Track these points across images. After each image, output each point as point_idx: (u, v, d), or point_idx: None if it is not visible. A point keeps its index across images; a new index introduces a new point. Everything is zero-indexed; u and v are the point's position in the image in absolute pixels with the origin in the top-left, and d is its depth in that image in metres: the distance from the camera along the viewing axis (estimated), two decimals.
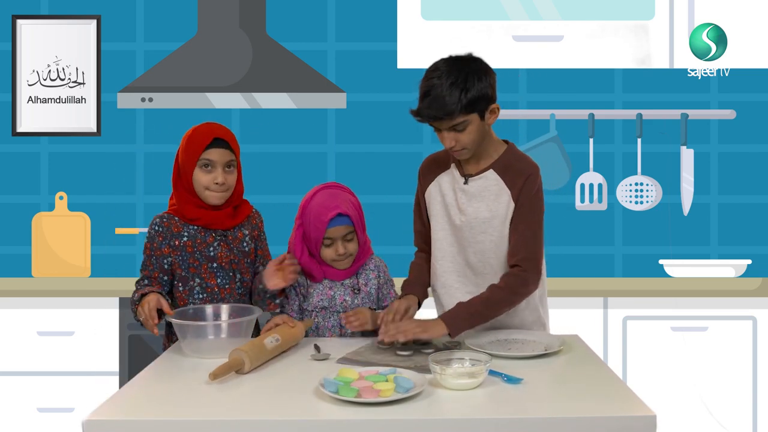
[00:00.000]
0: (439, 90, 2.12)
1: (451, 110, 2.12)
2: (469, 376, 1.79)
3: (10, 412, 3.37)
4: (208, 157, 2.29)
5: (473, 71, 2.15)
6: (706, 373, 3.38)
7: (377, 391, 1.68)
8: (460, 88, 2.12)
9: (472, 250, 2.30)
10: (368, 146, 3.91)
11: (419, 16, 3.62)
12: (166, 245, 2.33)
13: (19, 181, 3.90)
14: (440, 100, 2.12)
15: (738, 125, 3.87)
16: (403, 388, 1.70)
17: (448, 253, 2.34)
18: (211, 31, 3.76)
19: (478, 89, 2.14)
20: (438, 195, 2.36)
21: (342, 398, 1.66)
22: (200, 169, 2.30)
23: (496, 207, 2.25)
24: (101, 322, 3.40)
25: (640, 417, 1.62)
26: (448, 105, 2.12)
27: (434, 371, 1.81)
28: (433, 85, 2.13)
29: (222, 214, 2.34)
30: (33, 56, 3.86)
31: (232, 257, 2.34)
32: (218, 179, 2.29)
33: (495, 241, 2.27)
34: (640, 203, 3.82)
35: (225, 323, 2.12)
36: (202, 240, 2.33)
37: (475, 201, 2.28)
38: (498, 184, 2.26)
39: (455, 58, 2.20)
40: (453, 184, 2.33)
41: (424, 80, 2.18)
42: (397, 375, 1.77)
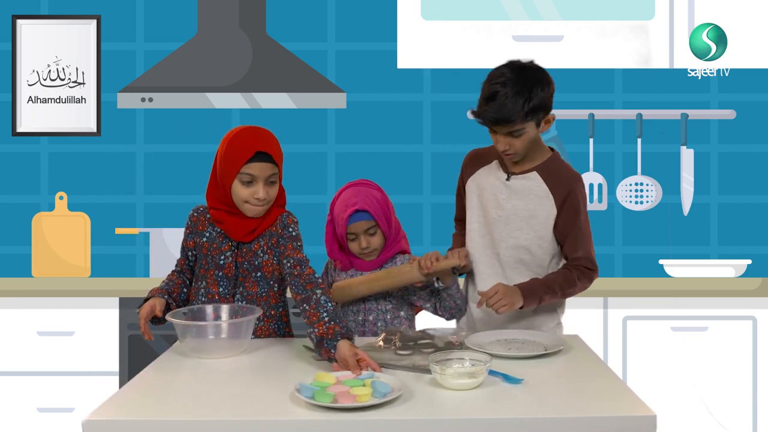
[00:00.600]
0: (504, 97, 2.18)
1: (512, 118, 2.19)
2: (469, 376, 1.79)
3: (10, 412, 3.37)
4: (249, 172, 2.16)
5: (537, 81, 2.23)
6: (706, 373, 3.37)
7: (354, 396, 1.66)
8: (524, 97, 2.19)
9: (505, 245, 2.37)
10: (368, 146, 3.91)
11: (419, 16, 3.62)
12: (191, 239, 2.33)
13: (19, 181, 3.90)
14: (504, 106, 2.18)
15: (738, 125, 3.87)
16: (380, 393, 1.68)
17: (480, 245, 2.42)
18: (211, 31, 3.76)
19: (539, 99, 2.21)
20: (476, 188, 2.43)
21: (318, 404, 1.64)
22: (240, 183, 2.18)
23: (537, 208, 2.34)
24: (101, 322, 3.40)
25: (640, 417, 1.62)
26: (510, 112, 2.18)
27: (434, 371, 1.81)
28: (498, 91, 2.19)
29: (244, 225, 2.23)
30: (33, 56, 3.86)
31: (241, 270, 2.26)
32: (259, 194, 2.17)
33: (530, 239, 2.35)
34: (640, 203, 3.82)
35: (225, 323, 2.12)
36: (218, 246, 2.27)
37: (516, 198, 2.36)
38: (541, 187, 2.34)
39: (521, 66, 2.26)
40: (494, 179, 2.40)
41: (487, 83, 2.24)
42: (374, 380, 1.75)
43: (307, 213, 3.96)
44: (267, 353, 2.12)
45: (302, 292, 2.12)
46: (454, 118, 3.88)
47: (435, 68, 3.78)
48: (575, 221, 2.34)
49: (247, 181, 2.17)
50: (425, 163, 3.91)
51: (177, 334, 2.12)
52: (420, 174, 3.91)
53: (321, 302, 2.07)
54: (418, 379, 1.88)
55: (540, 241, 2.36)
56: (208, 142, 3.90)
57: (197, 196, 3.88)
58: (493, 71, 2.27)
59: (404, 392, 1.74)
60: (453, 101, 3.88)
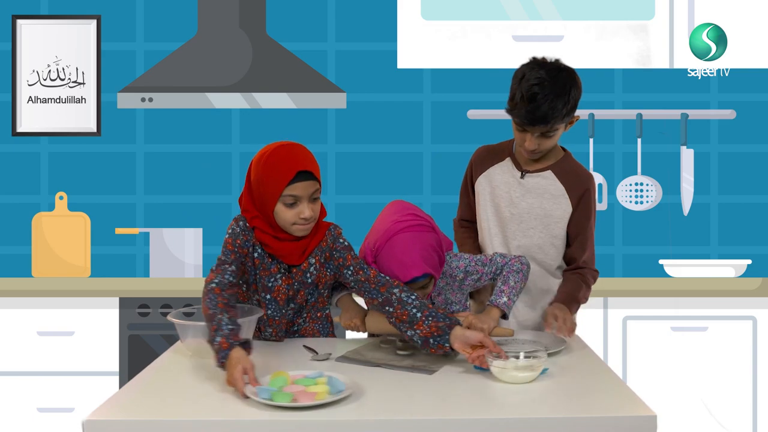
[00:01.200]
0: (543, 99, 2.19)
1: (552, 120, 2.21)
2: (529, 369, 1.82)
3: (10, 412, 3.37)
4: (292, 193, 2.06)
5: (573, 82, 2.25)
6: (706, 373, 3.38)
7: (312, 394, 1.67)
8: (564, 101, 2.21)
9: (517, 243, 2.38)
10: (368, 146, 3.91)
11: (419, 16, 3.62)
12: (245, 248, 2.11)
13: (19, 181, 3.90)
14: (544, 108, 2.19)
15: (738, 125, 3.87)
16: (336, 390, 1.71)
17: (490, 245, 2.42)
18: (211, 31, 3.76)
19: (574, 100, 2.25)
20: (488, 186, 2.43)
21: (278, 404, 1.64)
22: (284, 206, 2.07)
23: (552, 207, 2.36)
24: (101, 322, 3.40)
25: (640, 417, 1.62)
26: (550, 115, 2.20)
27: (493, 365, 1.83)
28: (536, 93, 2.19)
29: (296, 249, 2.13)
30: (33, 56, 3.86)
31: (291, 292, 2.18)
32: (305, 214, 2.07)
33: (543, 238, 2.37)
34: (640, 203, 3.82)
35: None
36: (267, 267, 2.15)
37: (530, 196, 2.37)
38: (556, 186, 2.36)
39: (556, 67, 2.26)
40: (508, 176, 2.40)
41: (523, 82, 2.23)
42: (328, 376, 1.76)
43: None
44: (267, 354, 2.12)
45: (378, 296, 2.08)
46: (454, 118, 3.88)
47: (435, 68, 3.78)
48: (587, 222, 2.38)
49: (291, 203, 2.07)
50: (425, 163, 3.91)
51: (178, 334, 2.12)
52: (420, 174, 3.91)
53: (403, 300, 2.03)
54: (415, 378, 1.88)
55: (553, 240, 2.38)
56: (208, 142, 3.90)
57: (198, 196, 3.91)
58: (525, 70, 2.26)
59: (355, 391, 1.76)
60: (453, 101, 3.88)
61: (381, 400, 1.73)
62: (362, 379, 1.87)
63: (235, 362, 1.76)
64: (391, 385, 1.84)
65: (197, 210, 3.90)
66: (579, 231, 2.38)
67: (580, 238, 2.38)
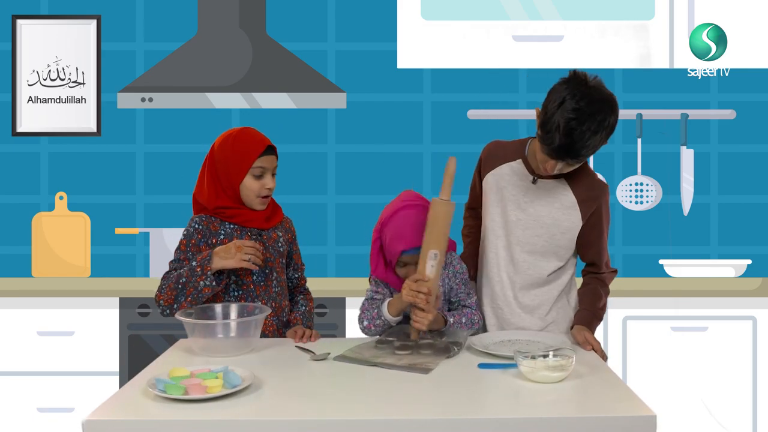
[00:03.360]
0: (580, 135, 2.07)
1: (585, 157, 2.15)
2: (560, 369, 1.82)
3: (10, 412, 3.37)
4: (262, 165, 2.31)
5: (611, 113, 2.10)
6: (706, 373, 3.38)
7: (204, 388, 1.70)
8: (599, 139, 2.10)
9: (521, 249, 2.32)
10: (368, 146, 3.91)
11: (419, 16, 3.62)
12: (204, 243, 2.32)
13: (19, 181, 3.90)
14: (579, 146, 2.08)
15: (738, 125, 3.87)
16: (230, 384, 1.73)
17: (495, 246, 2.36)
18: (211, 31, 3.76)
19: (607, 138, 2.13)
20: (495, 186, 2.36)
21: (170, 396, 1.68)
22: (252, 177, 2.30)
23: (561, 217, 2.30)
24: (101, 322, 3.40)
25: (640, 417, 1.62)
26: (583, 153, 2.11)
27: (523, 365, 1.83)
28: (574, 128, 2.06)
29: (259, 215, 2.36)
30: (33, 56, 3.86)
31: (268, 255, 2.34)
32: (269, 184, 2.32)
33: (548, 247, 2.32)
34: (640, 203, 3.82)
35: (234, 322, 2.11)
36: (239, 238, 2.32)
37: (539, 203, 2.30)
38: (568, 196, 2.30)
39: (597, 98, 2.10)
40: (517, 179, 2.33)
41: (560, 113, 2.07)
42: (227, 372, 1.77)
43: (307, 213, 3.98)
44: (274, 352, 2.12)
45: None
46: (454, 118, 3.88)
47: (435, 68, 3.78)
48: (601, 232, 2.34)
49: (259, 175, 2.30)
50: (425, 163, 3.91)
51: (186, 332, 2.12)
52: (420, 174, 3.91)
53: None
54: (410, 378, 1.88)
55: (557, 250, 2.33)
56: (208, 142, 3.89)
57: None
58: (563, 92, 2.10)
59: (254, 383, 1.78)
60: (453, 101, 3.88)
61: (375, 400, 1.73)
62: (360, 379, 1.88)
63: (219, 248, 2.21)
64: (386, 385, 1.84)
65: None
66: (592, 241, 2.34)
67: (594, 247, 2.35)
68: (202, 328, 2.09)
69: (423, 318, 2.11)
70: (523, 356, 1.85)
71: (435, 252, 2.10)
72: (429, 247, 2.11)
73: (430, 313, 2.12)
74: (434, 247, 2.11)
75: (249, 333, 2.10)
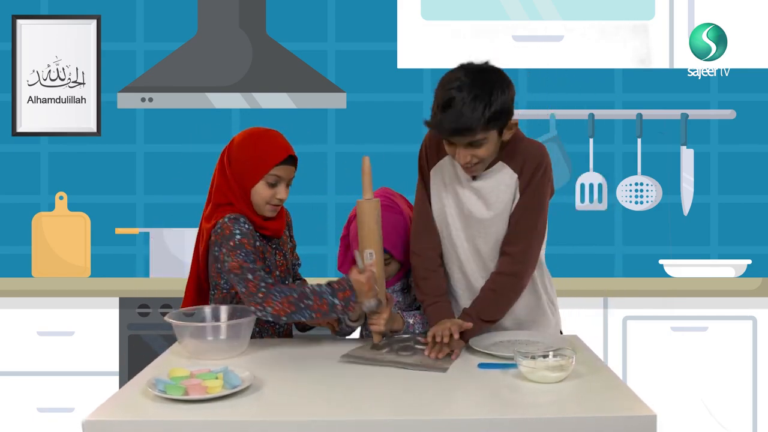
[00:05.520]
0: (461, 104, 1.98)
1: (472, 126, 1.99)
2: (560, 369, 1.81)
3: (10, 412, 3.37)
4: (278, 174, 2.17)
5: (496, 84, 2.01)
6: (706, 373, 3.37)
7: (204, 388, 1.70)
8: (483, 103, 1.98)
9: (483, 240, 2.21)
10: (368, 146, 3.90)
11: (419, 16, 3.62)
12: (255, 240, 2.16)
13: (19, 181, 3.90)
14: (462, 114, 1.98)
15: (738, 125, 3.87)
16: (230, 384, 1.73)
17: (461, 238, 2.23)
18: (211, 31, 3.76)
19: (500, 104, 2.00)
20: (441, 182, 2.24)
21: (170, 397, 1.68)
22: (265, 184, 2.16)
23: (511, 199, 2.16)
24: (101, 322, 3.40)
25: (640, 417, 1.61)
26: (470, 120, 1.98)
27: (523, 365, 1.82)
28: (454, 97, 1.99)
29: (278, 223, 2.24)
30: (33, 56, 3.86)
31: (286, 263, 2.29)
32: (281, 195, 2.18)
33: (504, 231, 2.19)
34: (640, 203, 3.82)
35: (224, 324, 2.09)
36: (264, 249, 2.22)
37: (487, 192, 2.17)
38: (508, 174, 2.15)
39: (476, 69, 2.04)
40: (458, 177, 2.20)
41: (442, 89, 2.03)
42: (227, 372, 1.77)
43: (308, 213, 3.97)
44: (265, 355, 2.12)
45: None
46: None
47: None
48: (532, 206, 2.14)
49: (273, 183, 2.17)
50: None
51: (176, 336, 2.11)
52: None
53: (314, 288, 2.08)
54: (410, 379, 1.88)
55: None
56: (208, 142, 3.90)
57: (198, 196, 3.89)
58: (446, 75, 2.05)
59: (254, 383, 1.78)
60: None
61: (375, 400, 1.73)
62: (359, 379, 1.88)
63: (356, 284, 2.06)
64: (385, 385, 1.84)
65: (197, 210, 3.85)
66: (519, 217, 2.14)
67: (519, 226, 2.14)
68: (192, 330, 2.06)
69: (378, 318, 2.11)
70: (523, 356, 1.85)
71: (370, 251, 2.09)
72: (364, 248, 2.11)
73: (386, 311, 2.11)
74: (368, 246, 2.10)
75: (239, 335, 2.07)
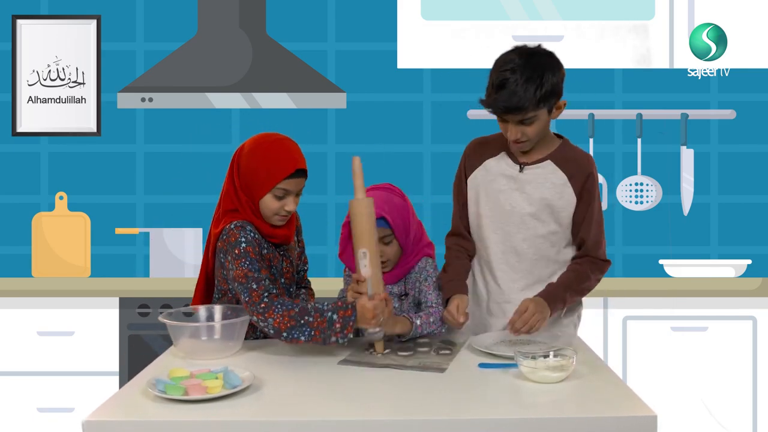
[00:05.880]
0: (514, 84, 2.11)
1: (525, 105, 2.12)
2: (560, 369, 1.81)
3: (10, 412, 3.37)
4: (286, 188, 2.13)
5: (548, 66, 2.15)
6: (706, 373, 3.37)
7: (204, 388, 1.70)
8: (535, 84, 2.11)
9: (522, 237, 2.29)
10: (368, 146, 3.90)
11: (419, 16, 3.62)
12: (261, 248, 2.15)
13: (19, 181, 3.90)
14: (515, 94, 2.11)
15: (738, 125, 3.87)
16: (230, 385, 1.73)
17: (493, 240, 2.32)
18: (211, 31, 3.76)
19: (551, 84, 2.14)
20: (483, 180, 2.34)
21: (170, 397, 1.68)
22: (272, 197, 2.12)
23: (555, 197, 2.27)
24: (101, 322, 3.40)
25: (640, 417, 1.62)
26: (522, 100, 2.11)
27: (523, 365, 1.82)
28: (507, 78, 2.12)
29: (287, 231, 2.22)
30: (33, 56, 3.86)
31: (292, 270, 2.29)
32: (289, 207, 2.15)
33: (550, 229, 2.29)
34: (640, 203, 3.82)
35: (218, 324, 2.09)
36: (272, 256, 2.20)
37: (531, 188, 2.28)
38: (556, 174, 2.27)
39: (530, 51, 2.18)
40: (505, 171, 2.31)
41: (495, 71, 2.17)
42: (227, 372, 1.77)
43: (308, 213, 3.97)
44: (265, 355, 2.12)
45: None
46: (454, 118, 3.88)
47: (435, 68, 3.78)
48: (589, 207, 2.29)
49: (281, 196, 2.14)
50: (425, 163, 3.91)
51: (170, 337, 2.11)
52: (420, 174, 3.91)
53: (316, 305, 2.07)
54: (409, 379, 1.88)
55: (559, 229, 2.29)
56: (208, 142, 3.90)
57: (198, 196, 3.90)
58: (500, 57, 2.20)
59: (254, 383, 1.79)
60: (453, 101, 3.88)
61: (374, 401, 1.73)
62: (358, 380, 1.88)
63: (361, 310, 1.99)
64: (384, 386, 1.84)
65: (197, 210, 3.90)
66: (581, 218, 2.28)
67: (584, 225, 2.29)
68: (188, 331, 2.05)
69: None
70: (524, 356, 1.85)
71: (363, 251, 2.05)
72: (357, 247, 2.08)
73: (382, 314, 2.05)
74: (362, 246, 2.07)
75: (234, 336, 2.07)
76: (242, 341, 2.12)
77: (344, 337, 1.98)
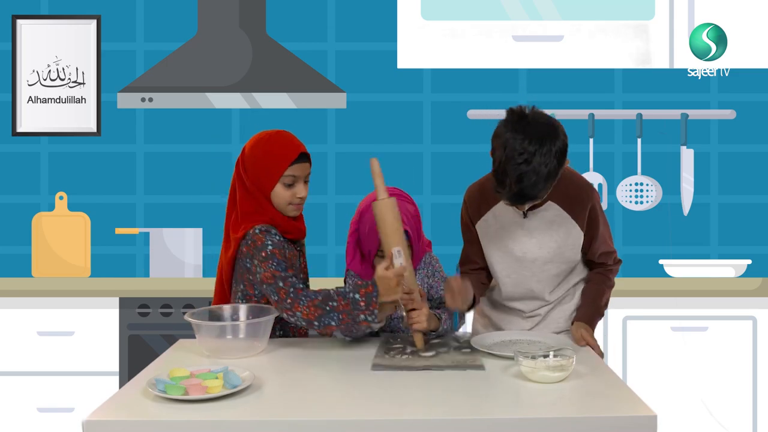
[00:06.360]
0: (533, 179, 2.03)
1: (542, 197, 2.11)
2: (560, 369, 1.82)
3: (10, 412, 3.37)
4: (294, 174, 2.19)
5: (557, 146, 2.06)
6: (706, 373, 3.37)
7: (204, 388, 1.70)
8: (552, 177, 2.07)
9: (537, 279, 2.34)
10: (368, 146, 3.90)
11: (419, 16, 3.62)
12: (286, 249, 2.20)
13: (19, 181, 3.90)
14: (533, 190, 2.06)
15: (738, 125, 3.87)
16: (230, 384, 1.73)
17: (507, 284, 2.37)
18: (211, 31, 3.76)
19: (562, 164, 2.10)
20: (494, 226, 2.34)
21: (170, 397, 1.68)
22: (283, 186, 2.18)
23: (564, 237, 2.29)
24: (101, 322, 3.40)
25: (640, 417, 1.62)
26: (539, 194, 2.09)
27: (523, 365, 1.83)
28: (524, 172, 2.03)
29: (301, 225, 2.28)
30: (33, 56, 3.86)
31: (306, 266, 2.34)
32: (301, 194, 2.21)
33: (564, 268, 2.34)
34: (640, 203, 3.82)
35: (243, 323, 2.09)
36: (293, 254, 2.24)
37: (539, 234, 2.30)
38: (561, 215, 2.28)
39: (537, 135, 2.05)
40: (510, 219, 2.31)
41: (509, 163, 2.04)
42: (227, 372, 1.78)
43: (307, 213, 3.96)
44: (265, 355, 2.12)
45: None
46: (454, 118, 3.88)
47: (435, 68, 3.78)
48: (597, 232, 2.32)
49: (290, 183, 2.19)
50: (425, 163, 3.91)
51: (195, 334, 2.11)
52: (420, 174, 3.91)
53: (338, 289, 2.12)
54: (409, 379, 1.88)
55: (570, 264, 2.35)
56: (208, 142, 3.90)
57: (198, 196, 3.90)
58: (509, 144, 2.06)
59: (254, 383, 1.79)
60: (453, 101, 3.88)
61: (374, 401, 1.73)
62: (358, 380, 1.87)
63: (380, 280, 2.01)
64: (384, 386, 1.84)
65: (197, 210, 3.90)
66: (592, 239, 2.33)
67: (595, 244, 2.34)
68: (211, 329, 2.07)
69: (418, 315, 2.11)
70: (524, 356, 1.85)
71: (398, 249, 2.09)
72: (389, 247, 2.10)
73: (423, 306, 2.12)
74: (394, 245, 2.10)
75: (258, 334, 2.08)
76: (267, 340, 2.12)
77: (371, 313, 2.00)
